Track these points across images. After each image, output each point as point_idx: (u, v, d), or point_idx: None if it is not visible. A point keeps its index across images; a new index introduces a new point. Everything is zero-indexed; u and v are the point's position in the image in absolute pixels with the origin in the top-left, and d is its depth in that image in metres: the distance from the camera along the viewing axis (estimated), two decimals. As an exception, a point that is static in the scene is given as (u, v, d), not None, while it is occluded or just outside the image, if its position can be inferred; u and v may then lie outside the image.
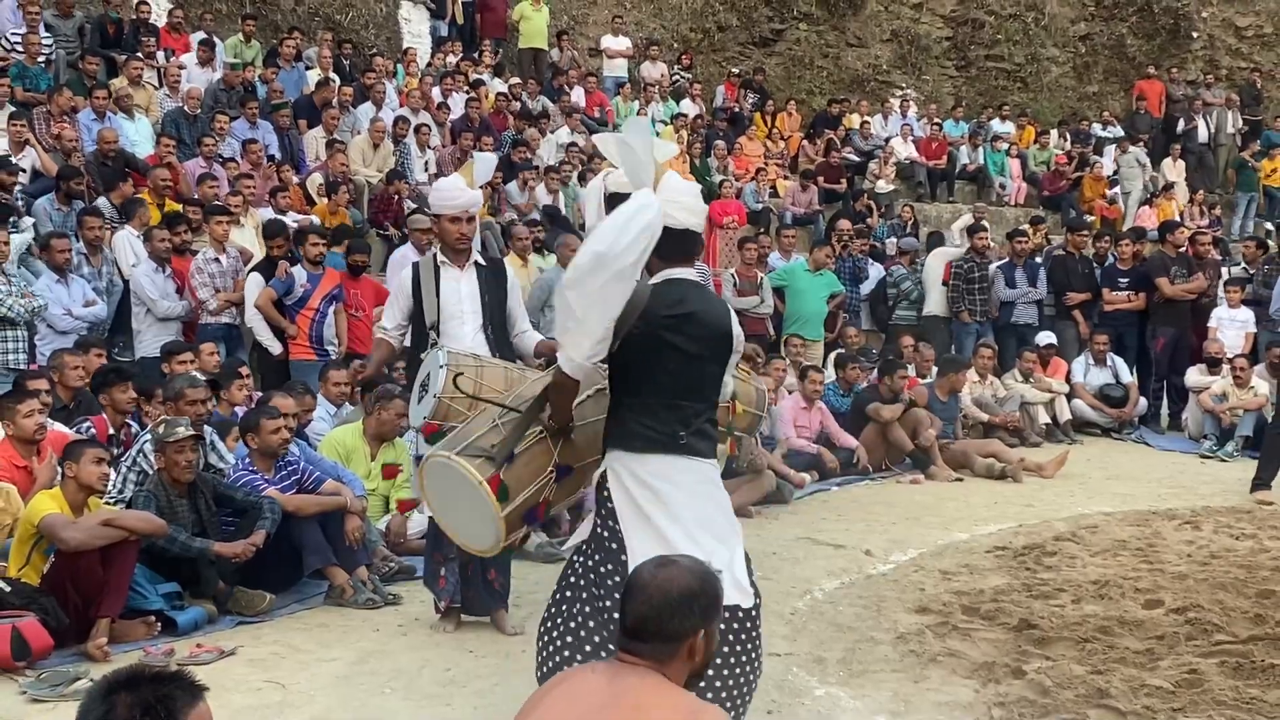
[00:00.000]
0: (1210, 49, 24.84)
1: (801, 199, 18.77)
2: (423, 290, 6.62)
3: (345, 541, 7.49)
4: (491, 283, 6.71)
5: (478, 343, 6.50)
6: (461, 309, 6.61)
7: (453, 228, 6.62)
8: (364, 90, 16.86)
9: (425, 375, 5.95)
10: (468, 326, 6.58)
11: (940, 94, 23.81)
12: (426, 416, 5.83)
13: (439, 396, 5.77)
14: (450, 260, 6.67)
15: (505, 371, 5.99)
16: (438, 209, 6.71)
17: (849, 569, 8.34)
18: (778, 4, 23.65)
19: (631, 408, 4.59)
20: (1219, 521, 9.70)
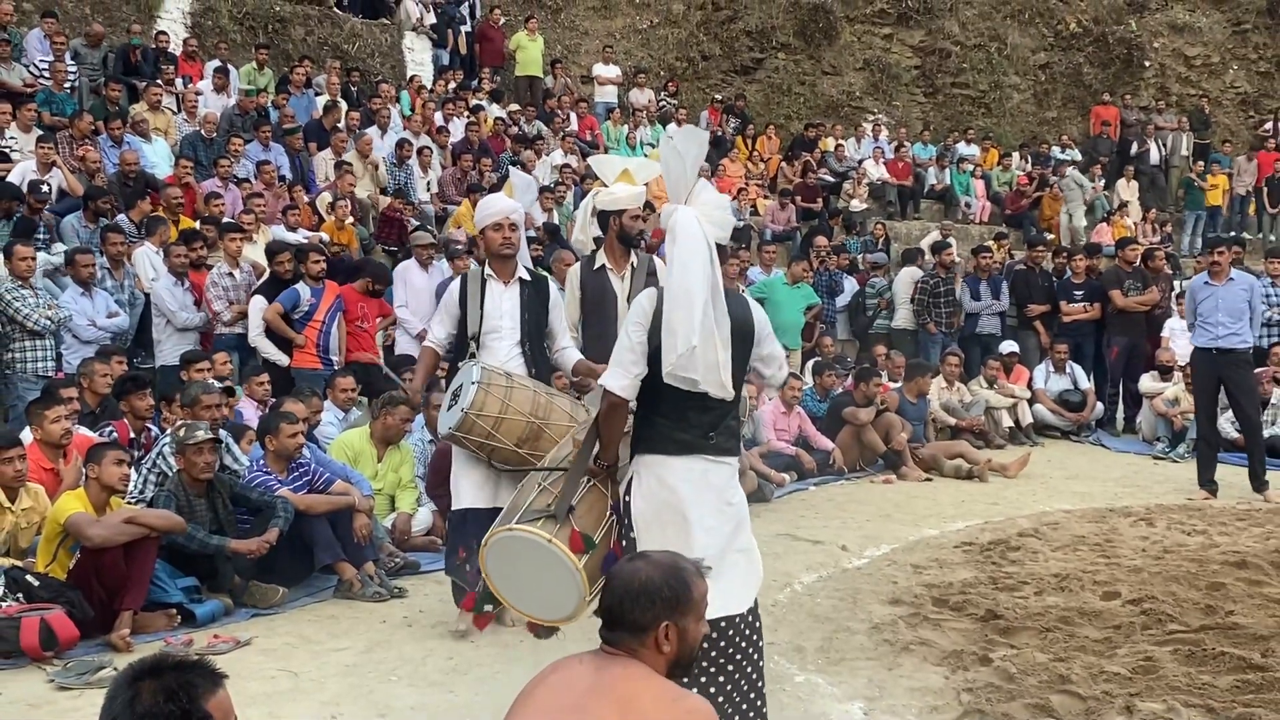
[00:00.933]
0: (1162, 77, 24.92)
1: (780, 217, 18.79)
2: (468, 302, 6.48)
3: (354, 538, 7.48)
4: (533, 299, 6.53)
5: (513, 358, 6.37)
6: (501, 324, 6.45)
7: (495, 235, 6.47)
8: (370, 115, 16.85)
9: (458, 385, 5.95)
10: (505, 342, 6.42)
11: (909, 119, 23.86)
12: (452, 428, 5.87)
13: (466, 411, 5.79)
14: (496, 273, 6.52)
15: (534, 395, 5.99)
16: (481, 222, 6.58)
17: (826, 563, 8.34)
18: (758, 35, 23.69)
19: (664, 414, 4.44)
20: (1171, 518, 9.71)
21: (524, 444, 5.84)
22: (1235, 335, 10.81)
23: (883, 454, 11.94)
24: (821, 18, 23.71)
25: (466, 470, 6.28)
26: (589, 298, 7.26)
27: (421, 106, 17.78)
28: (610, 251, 7.24)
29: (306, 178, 15.22)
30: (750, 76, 23.81)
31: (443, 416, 6.07)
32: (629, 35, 23.37)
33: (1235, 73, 25.25)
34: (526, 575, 4.54)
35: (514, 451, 5.84)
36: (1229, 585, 7.39)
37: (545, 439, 5.79)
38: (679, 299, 4.22)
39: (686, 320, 4.20)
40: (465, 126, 17.50)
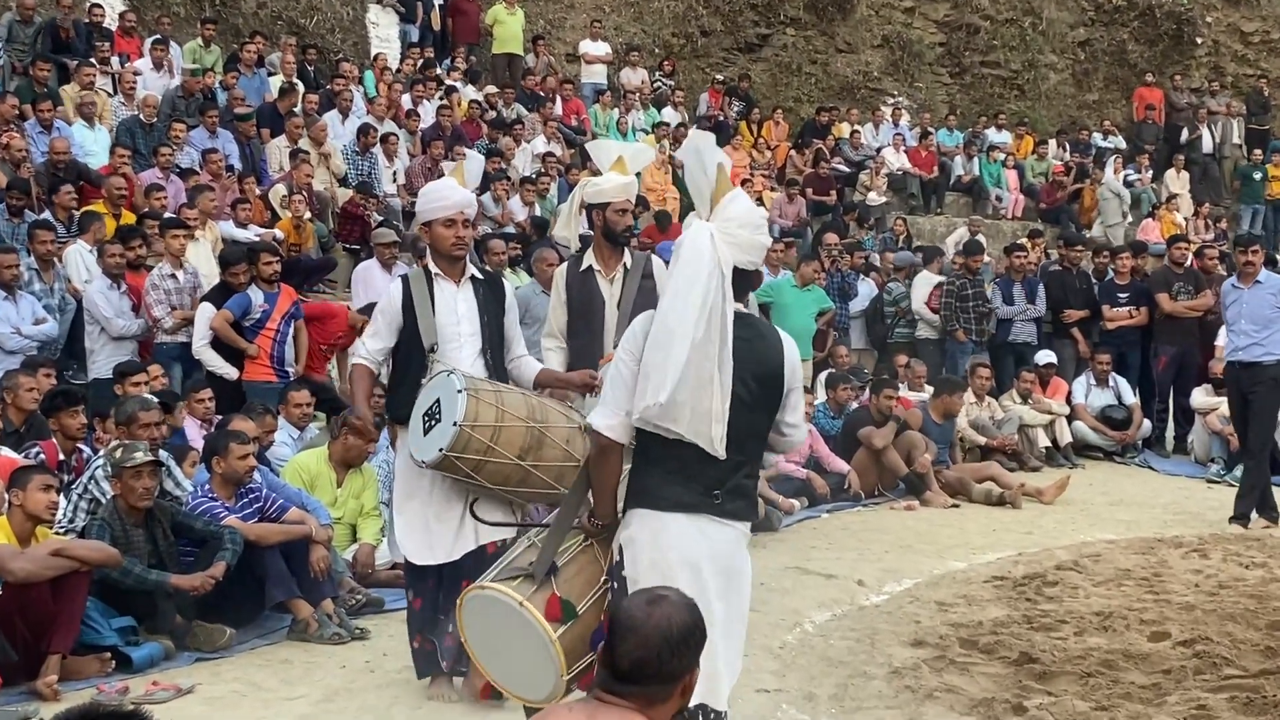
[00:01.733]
0: (1215, 55, 25.01)
1: (789, 211, 18.83)
2: (417, 308, 6.12)
3: (310, 573, 7.46)
4: (490, 300, 6.26)
5: (476, 370, 6.05)
6: (459, 330, 6.14)
7: (447, 232, 6.13)
8: (330, 97, 16.86)
9: (432, 402, 5.68)
10: (466, 351, 6.12)
11: (934, 102, 23.91)
12: (444, 448, 5.56)
13: (460, 424, 5.51)
14: (445, 272, 6.20)
15: (525, 398, 5.87)
16: (428, 214, 6.23)
17: (840, 600, 8.34)
18: (764, 8, 23.73)
19: (660, 461, 4.23)
20: (1228, 549, 9.70)
21: (527, 454, 5.68)
22: (1259, 346, 10.75)
23: (904, 477, 11.94)
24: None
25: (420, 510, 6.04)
26: (574, 303, 7.15)
27: (387, 88, 17.79)
28: (598, 251, 7.15)
29: (258, 168, 15.23)
30: (756, 55, 23.85)
31: (418, 442, 5.74)
32: (620, 9, 23.38)
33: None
34: (502, 642, 4.38)
35: (516, 465, 5.65)
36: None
37: (548, 445, 5.72)
38: (659, 337, 4.11)
39: (661, 365, 4.06)
40: (436, 110, 17.53)
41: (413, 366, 6.12)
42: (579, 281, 7.17)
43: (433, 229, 6.21)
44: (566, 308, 7.19)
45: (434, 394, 5.73)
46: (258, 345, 10.77)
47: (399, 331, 6.18)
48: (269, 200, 14.32)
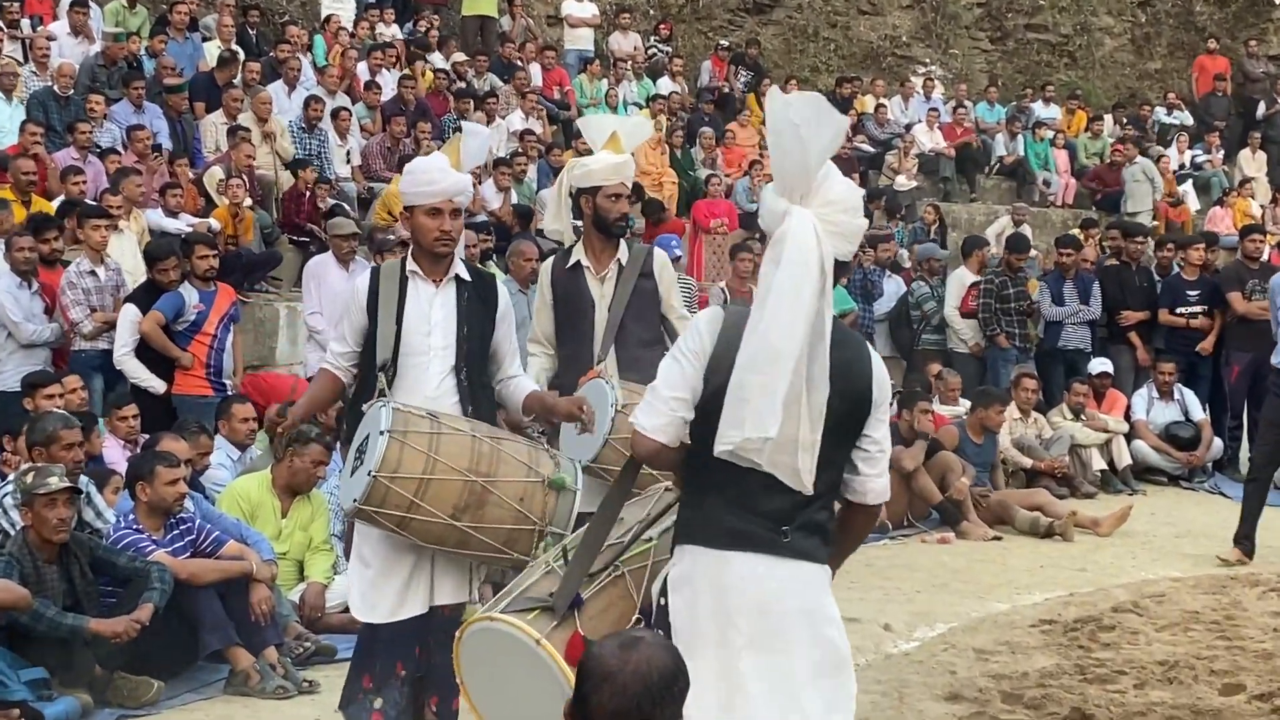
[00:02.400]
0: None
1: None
2: (380, 311, 5.81)
3: (250, 616, 7.43)
4: (476, 307, 5.91)
5: (445, 391, 5.78)
6: (428, 342, 5.81)
7: (430, 223, 5.78)
8: (274, 66, 16.85)
9: (362, 440, 5.43)
10: (433, 369, 5.80)
11: (972, 71, 23.99)
12: (357, 500, 5.32)
13: (375, 474, 5.24)
14: (424, 270, 5.88)
15: (473, 441, 5.50)
16: (412, 198, 5.87)
17: (864, 647, 8.33)
18: (775, -37, 23.84)
19: (718, 488, 4.00)
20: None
21: (462, 513, 5.39)
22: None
23: (938, 505, 11.95)
24: (857, -60, 23.90)
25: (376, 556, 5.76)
26: (560, 303, 7.08)
27: (340, 56, 17.79)
28: (589, 244, 7.05)
29: (191, 148, 15.21)
30: (766, 16, 23.93)
31: (347, 485, 5.56)
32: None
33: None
34: (508, 684, 4.21)
35: (449, 526, 5.39)
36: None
37: (493, 505, 5.41)
38: (760, 356, 3.84)
39: (767, 390, 3.82)
40: (397, 81, 17.52)
41: (367, 385, 5.84)
42: (566, 280, 7.06)
43: (415, 217, 5.86)
44: (553, 309, 7.11)
45: (365, 428, 5.47)
46: (191, 353, 10.75)
47: (364, 335, 5.87)
48: (203, 185, 14.30)
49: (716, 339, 4.01)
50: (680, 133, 19.12)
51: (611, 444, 6.23)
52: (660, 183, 18.24)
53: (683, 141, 19.06)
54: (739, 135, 20.12)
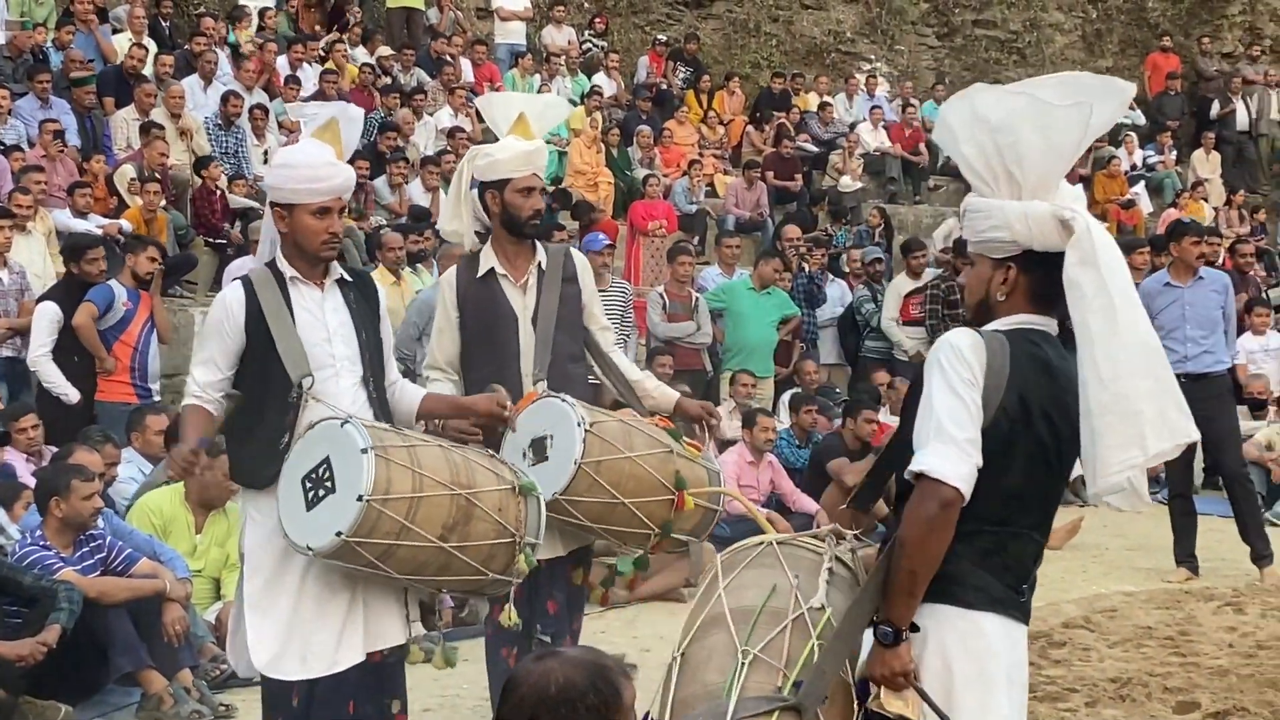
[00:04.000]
0: (1251, 15, 25.39)
1: (746, 199, 18.88)
2: (272, 325, 5.21)
3: (164, 637, 7.37)
4: (364, 309, 5.44)
5: (359, 406, 5.29)
6: (331, 352, 5.28)
7: (317, 225, 5.21)
8: (189, 60, 16.73)
9: (318, 463, 4.93)
10: (344, 382, 5.30)
11: (918, 68, 24.12)
12: (344, 531, 4.79)
13: (368, 500, 4.77)
14: (303, 274, 5.31)
15: (443, 451, 5.15)
16: (291, 195, 5.24)
17: (808, 666, 8.35)
18: (715, -46, 23.89)
19: (970, 539, 3.73)
20: (1267, 603, 9.82)
21: (451, 532, 4.99)
22: (1209, 354, 10.86)
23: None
24: (800, -68, 23.98)
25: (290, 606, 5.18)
26: (471, 319, 6.30)
27: (259, 49, 17.68)
28: (499, 247, 6.31)
29: (101, 145, 15.08)
30: (705, 11, 23.96)
31: (298, 520, 4.96)
32: (542, -46, 23.46)
33: (1350, 8, 25.83)
34: None
35: (437, 549, 4.98)
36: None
37: (478, 518, 5.06)
38: (1142, 357, 3.71)
39: (1162, 392, 3.72)
40: (319, 76, 17.43)
41: (269, 410, 5.24)
42: (478, 292, 6.30)
43: (295, 216, 5.24)
44: (460, 329, 6.31)
45: (318, 450, 4.94)
46: (114, 357, 10.67)
47: (241, 358, 5.29)
48: (114, 184, 14.18)
49: (986, 369, 3.71)
50: (616, 131, 19.11)
51: (584, 470, 5.72)
52: (596, 183, 18.24)
53: (619, 140, 19.05)
54: (677, 134, 20.13)
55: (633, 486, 5.79)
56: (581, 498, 5.71)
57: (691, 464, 5.95)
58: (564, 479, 5.70)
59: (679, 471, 5.86)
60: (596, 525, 5.87)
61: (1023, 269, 3.77)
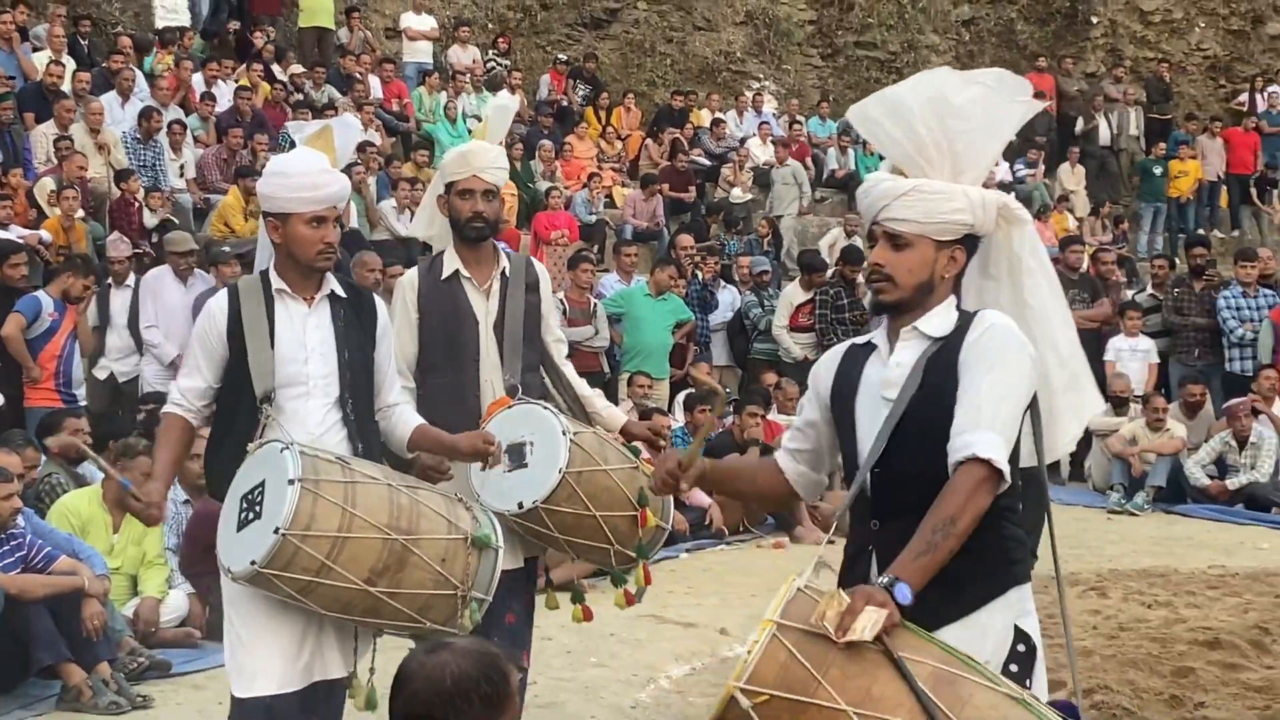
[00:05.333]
0: (1112, 37, 25.74)
1: (643, 210, 18.91)
2: (248, 335, 4.85)
3: (82, 631, 7.28)
4: (354, 328, 5.01)
5: (329, 428, 4.90)
6: (306, 370, 4.87)
7: (313, 234, 4.83)
8: (107, 76, 16.52)
9: (255, 485, 4.58)
10: (314, 401, 4.88)
11: (804, 87, 24.23)
12: (256, 562, 4.43)
13: (284, 534, 4.40)
14: (292, 287, 4.92)
15: (390, 491, 4.68)
16: (286, 204, 4.85)
17: (701, 651, 8.38)
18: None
19: (1023, 516, 3.78)
20: (1128, 587, 9.96)
21: (380, 577, 4.56)
22: None
23: (773, 511, 12.03)
24: (692, -42, 24.04)
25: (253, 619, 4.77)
26: (433, 322, 5.86)
27: (173, 67, 17.49)
28: (461, 251, 5.89)
29: (21, 158, 14.85)
30: (603, 31, 23.95)
31: (228, 539, 4.66)
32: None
33: (1202, 32, 26.22)
34: None
35: (361, 592, 4.55)
36: (1199, 670, 7.61)
37: (413, 567, 4.62)
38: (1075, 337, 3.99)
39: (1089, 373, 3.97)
40: (234, 93, 17.27)
41: (239, 420, 4.88)
42: (439, 295, 5.86)
43: (290, 227, 4.84)
44: (418, 331, 5.86)
45: (258, 472, 4.61)
46: (40, 365, 10.62)
47: (224, 366, 4.92)
48: (34, 196, 13.98)
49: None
50: (519, 146, 19.06)
51: (567, 480, 5.43)
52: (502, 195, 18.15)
53: (522, 154, 19.00)
54: (577, 148, 20.12)
55: (605, 499, 5.53)
56: (559, 507, 5.43)
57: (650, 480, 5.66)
58: (547, 487, 5.40)
59: (643, 488, 5.55)
60: (561, 536, 5.56)
61: (967, 251, 3.77)
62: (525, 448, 5.46)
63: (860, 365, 3.81)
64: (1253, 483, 13.45)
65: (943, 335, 3.69)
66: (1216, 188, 23.38)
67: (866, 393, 3.75)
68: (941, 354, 3.66)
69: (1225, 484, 13.57)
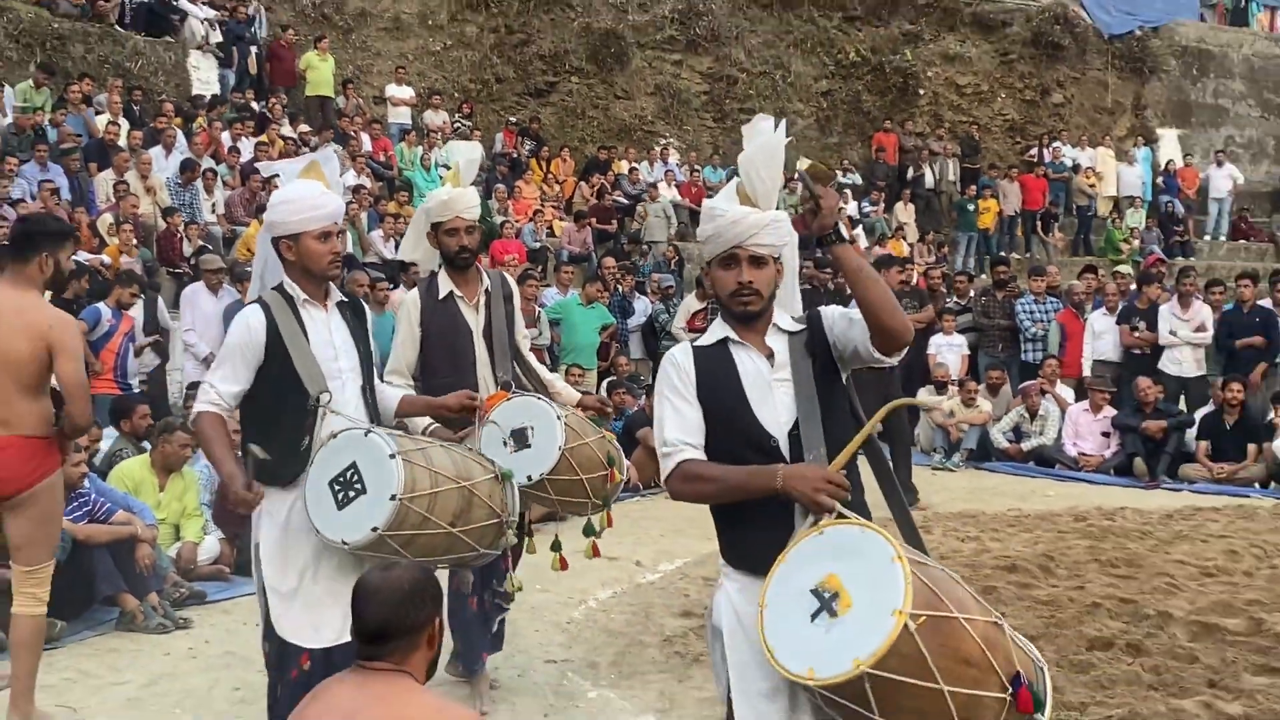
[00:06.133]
0: (935, 105, 25.93)
1: (576, 238, 18.90)
2: (290, 344, 4.54)
3: (136, 569, 7.23)
4: (358, 325, 4.81)
5: (360, 409, 4.68)
6: (339, 366, 4.64)
7: (321, 248, 4.59)
8: (154, 134, 16.31)
9: (345, 468, 4.37)
10: (349, 390, 4.65)
11: (699, 143, 24.27)
12: (379, 527, 4.29)
13: (400, 499, 4.29)
14: (311, 296, 4.67)
15: (446, 452, 4.66)
16: (296, 225, 4.60)
17: (621, 579, 8.40)
18: (551, 58, 23.78)
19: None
20: (947, 526, 10.09)
21: (458, 520, 4.56)
22: None
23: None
24: (613, 43, 23.95)
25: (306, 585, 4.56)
26: (435, 334, 5.76)
27: (207, 126, 17.29)
28: (451, 274, 5.80)
29: (87, 199, 14.66)
30: (544, 99, 23.88)
31: (329, 518, 4.38)
32: (422, 57, 23.19)
33: (1003, 101, 26.48)
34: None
35: (446, 534, 4.52)
36: (1000, 589, 7.73)
37: (476, 505, 4.63)
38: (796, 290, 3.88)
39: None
40: (255, 146, 17.09)
41: (285, 418, 4.56)
42: (438, 312, 5.77)
43: (302, 244, 4.59)
44: (420, 341, 5.76)
45: (346, 456, 4.39)
46: (101, 361, 10.59)
47: (258, 372, 4.59)
48: (97, 228, 13.80)
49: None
50: (480, 188, 18.96)
51: (565, 455, 5.34)
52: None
53: (482, 195, 18.90)
54: (524, 190, 20.06)
55: (588, 465, 5.44)
56: (558, 476, 5.34)
57: (612, 445, 5.65)
58: (549, 462, 5.29)
59: (610, 452, 5.56)
60: (556, 497, 5.48)
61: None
62: (528, 431, 5.33)
63: (729, 362, 3.61)
64: (1041, 445, 13.66)
65: (795, 330, 3.65)
66: (1015, 220, 23.68)
67: (753, 380, 3.57)
68: (799, 344, 3.63)
69: (1021, 447, 13.77)
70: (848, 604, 3.01)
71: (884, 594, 2.97)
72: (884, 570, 3.02)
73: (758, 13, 25.50)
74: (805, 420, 3.52)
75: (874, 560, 3.05)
